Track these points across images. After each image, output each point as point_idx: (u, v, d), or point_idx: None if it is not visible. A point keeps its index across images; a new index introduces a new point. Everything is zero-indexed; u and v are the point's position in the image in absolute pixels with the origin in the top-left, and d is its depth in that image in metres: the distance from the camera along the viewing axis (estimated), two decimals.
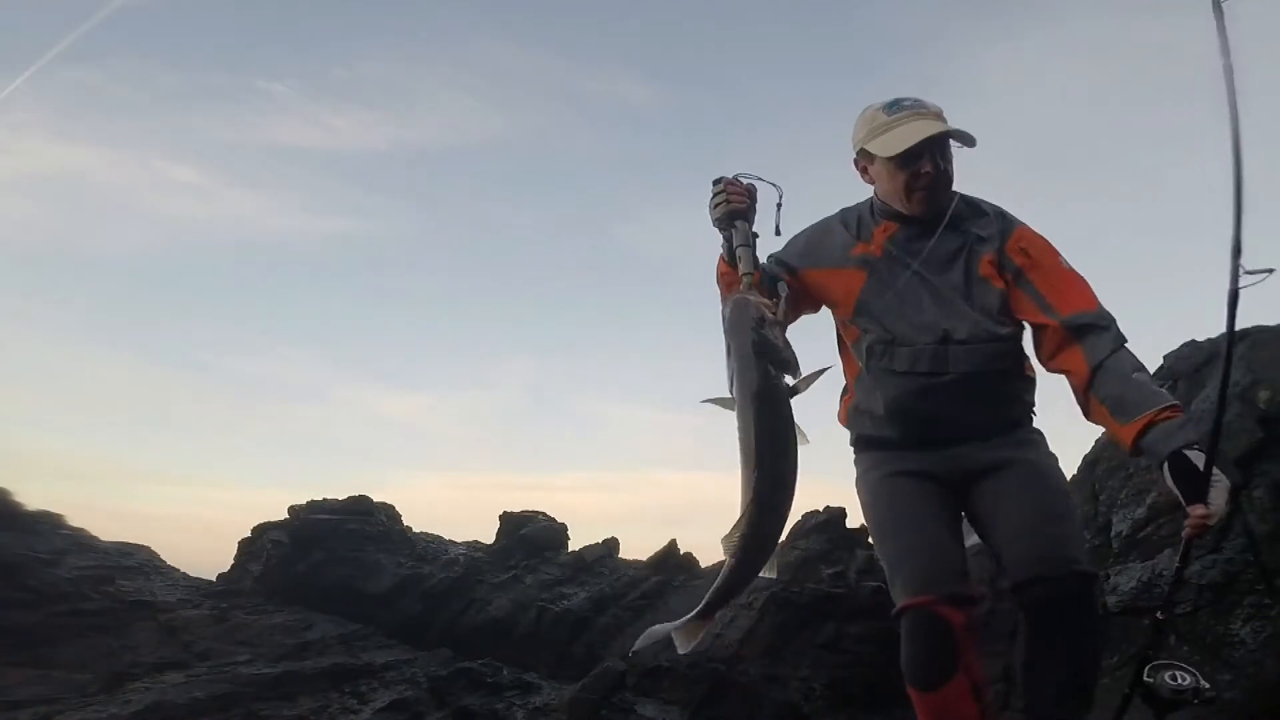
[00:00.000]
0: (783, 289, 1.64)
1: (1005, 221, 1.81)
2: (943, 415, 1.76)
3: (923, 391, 1.74)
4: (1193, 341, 4.30)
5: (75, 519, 7.44)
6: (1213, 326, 4.54)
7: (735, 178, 1.70)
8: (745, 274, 1.61)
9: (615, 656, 6.19)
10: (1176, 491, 1.53)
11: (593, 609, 7.19)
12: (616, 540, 8.46)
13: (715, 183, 1.71)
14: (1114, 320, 1.70)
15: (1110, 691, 3.17)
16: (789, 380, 1.43)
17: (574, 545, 8.44)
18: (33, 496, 7.28)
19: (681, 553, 7.93)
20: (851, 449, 1.94)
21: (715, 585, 1.49)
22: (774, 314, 1.47)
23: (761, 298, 1.52)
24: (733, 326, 1.46)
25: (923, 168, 1.73)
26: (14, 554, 6.28)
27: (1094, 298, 1.73)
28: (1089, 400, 1.67)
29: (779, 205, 1.75)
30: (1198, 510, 1.48)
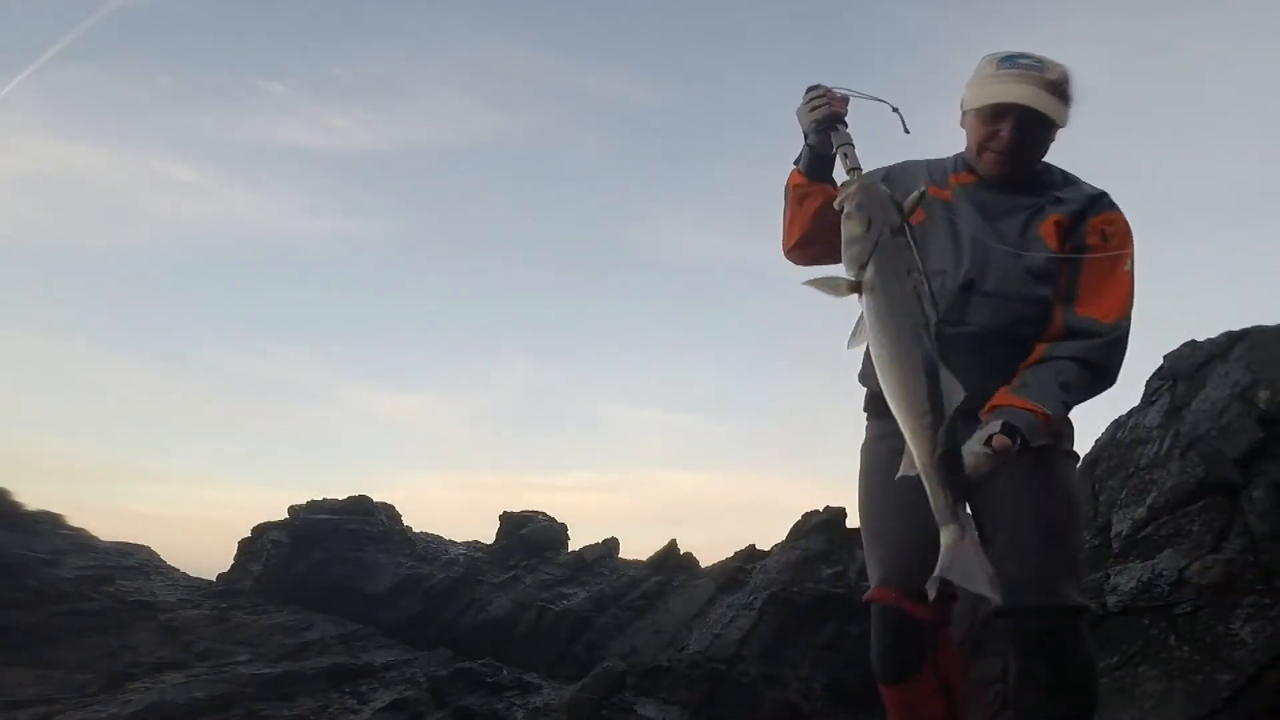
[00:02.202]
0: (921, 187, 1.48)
1: (1101, 201, 1.69)
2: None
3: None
4: (1193, 341, 4.29)
5: (75, 519, 7.46)
6: (1213, 326, 4.54)
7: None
8: (854, 168, 1.57)
9: (615, 656, 6.19)
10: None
11: (593, 609, 7.19)
12: (616, 540, 8.46)
13: (812, 88, 1.69)
14: (1117, 341, 1.57)
15: (1111, 692, 3.17)
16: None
17: (574, 545, 8.44)
18: (33, 496, 7.29)
19: (681, 553, 7.93)
20: (864, 414, 1.87)
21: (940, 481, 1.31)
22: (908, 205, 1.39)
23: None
24: (873, 202, 1.35)
25: (1000, 130, 1.64)
26: (14, 554, 6.29)
27: (1120, 311, 1.59)
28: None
29: (896, 109, 1.70)
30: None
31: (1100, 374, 1.56)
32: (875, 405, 1.81)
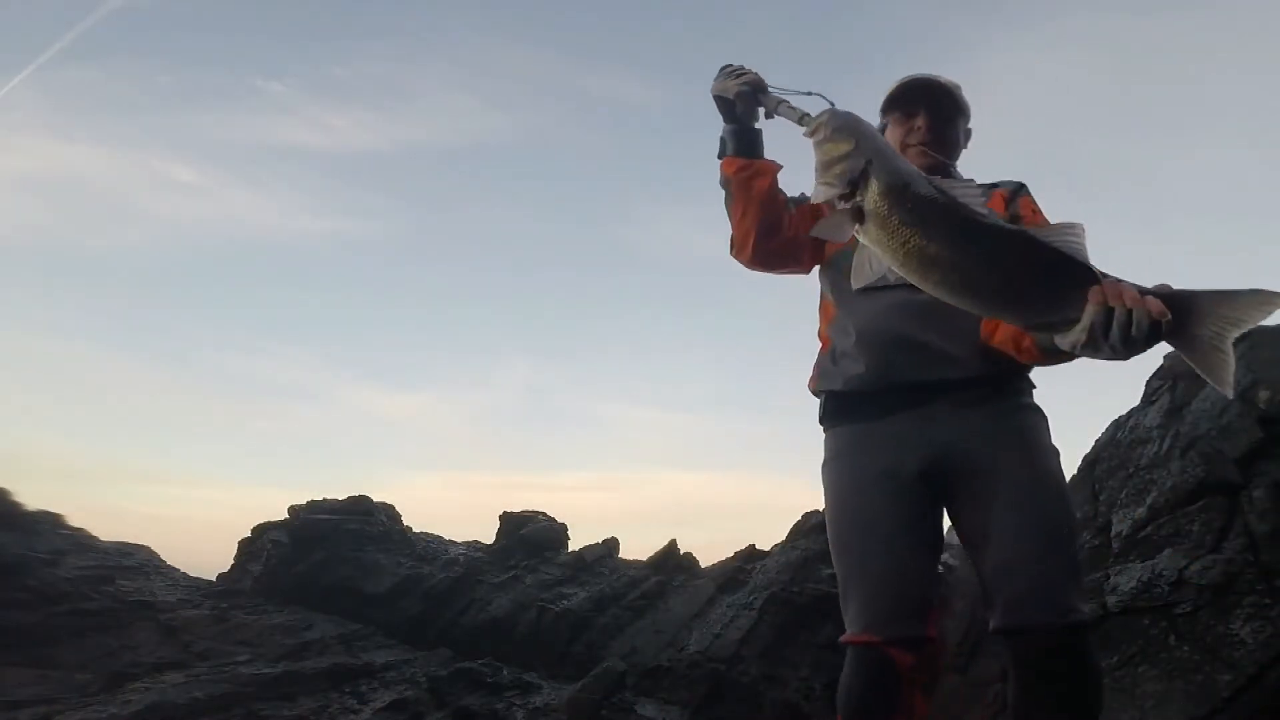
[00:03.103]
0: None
1: (1026, 188, 1.72)
2: (917, 338, 1.55)
3: (898, 307, 1.54)
4: None
5: (75, 519, 7.47)
6: None
7: None
8: (805, 115, 1.43)
9: (615, 656, 6.19)
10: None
11: (593, 609, 7.18)
12: (616, 540, 8.47)
13: (725, 66, 1.64)
14: None
15: (1111, 692, 3.17)
16: None
17: (574, 545, 8.44)
18: (33, 496, 7.31)
19: (681, 553, 7.93)
20: (821, 428, 1.74)
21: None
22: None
23: None
24: (854, 120, 1.23)
25: (916, 123, 1.70)
26: (14, 554, 6.29)
27: None
28: (1022, 338, 1.41)
29: (817, 94, 1.65)
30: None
31: None
32: (835, 409, 1.69)
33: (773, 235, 1.66)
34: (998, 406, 1.58)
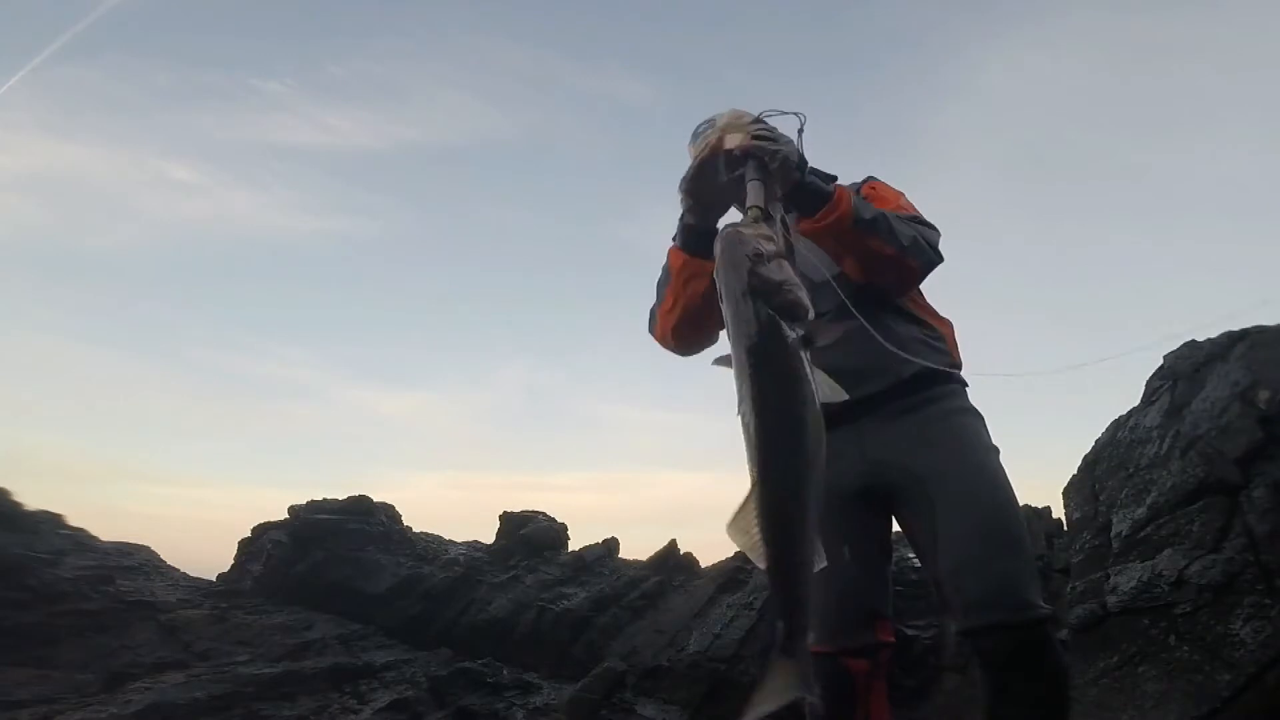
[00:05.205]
0: (779, 209, 1.36)
1: (869, 179, 1.76)
2: (836, 364, 1.41)
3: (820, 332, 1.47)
4: (1192, 341, 4.29)
5: (75, 519, 7.49)
6: (1213, 326, 4.53)
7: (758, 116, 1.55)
8: (751, 206, 1.34)
9: (615, 656, 6.19)
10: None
11: (593, 609, 7.19)
12: (616, 540, 8.49)
13: (700, 125, 1.56)
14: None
15: (1111, 692, 3.17)
16: (797, 330, 1.09)
17: (574, 545, 8.46)
18: (33, 496, 7.32)
19: (681, 553, 7.95)
20: None
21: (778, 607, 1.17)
22: (773, 245, 1.17)
23: (760, 228, 1.23)
24: (722, 266, 1.16)
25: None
26: (14, 554, 6.30)
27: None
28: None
29: (800, 131, 1.59)
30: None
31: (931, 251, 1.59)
32: None
33: (695, 329, 1.66)
34: (927, 413, 1.60)
